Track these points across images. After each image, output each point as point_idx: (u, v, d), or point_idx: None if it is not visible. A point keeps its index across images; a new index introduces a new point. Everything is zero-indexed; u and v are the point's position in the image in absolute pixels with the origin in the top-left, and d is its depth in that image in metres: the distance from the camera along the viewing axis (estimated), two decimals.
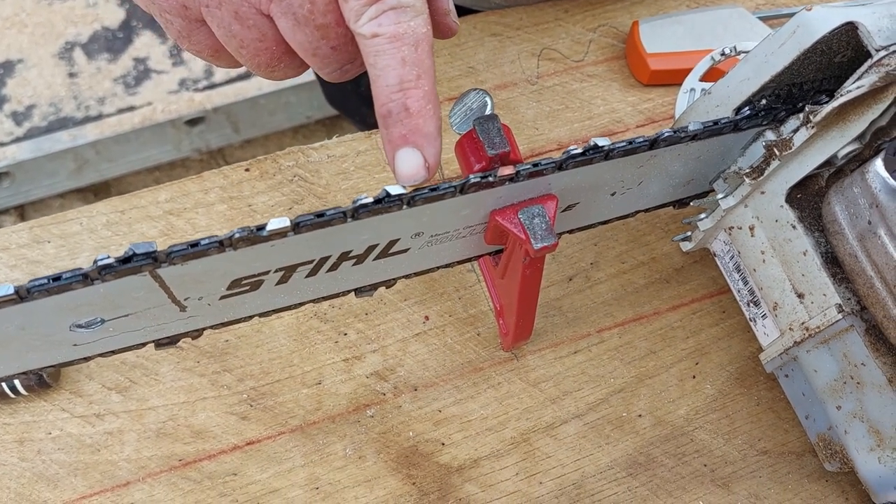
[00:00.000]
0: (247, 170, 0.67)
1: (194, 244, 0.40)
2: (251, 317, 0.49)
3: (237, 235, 0.40)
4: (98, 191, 1.85)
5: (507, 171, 0.44)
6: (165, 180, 1.90)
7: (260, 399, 0.59)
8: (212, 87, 1.73)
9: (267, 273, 0.45)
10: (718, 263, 0.59)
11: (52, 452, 0.56)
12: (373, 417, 0.59)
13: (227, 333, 0.60)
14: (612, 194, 0.53)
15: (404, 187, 0.43)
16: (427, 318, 0.62)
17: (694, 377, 0.61)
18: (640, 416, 0.60)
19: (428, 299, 0.63)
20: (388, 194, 0.42)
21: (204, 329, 0.48)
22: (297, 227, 0.41)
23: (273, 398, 0.59)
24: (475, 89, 0.52)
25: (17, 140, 1.68)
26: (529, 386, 0.60)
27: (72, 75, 1.75)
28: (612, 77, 0.73)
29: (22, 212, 1.83)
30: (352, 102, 1.02)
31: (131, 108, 1.72)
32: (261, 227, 0.40)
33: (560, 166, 0.46)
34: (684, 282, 0.65)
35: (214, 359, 0.60)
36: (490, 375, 0.60)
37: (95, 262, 0.38)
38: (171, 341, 0.48)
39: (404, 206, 0.43)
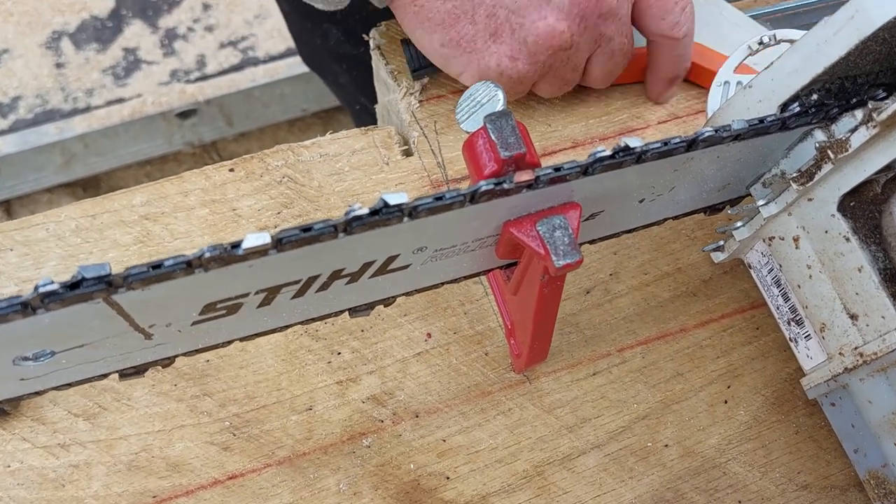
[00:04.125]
0: (231, 170, 0.61)
1: (157, 265, 0.34)
2: (230, 342, 0.43)
3: (208, 255, 0.34)
4: (87, 185, 1.79)
5: (525, 176, 0.38)
6: (157, 175, 1.84)
7: (244, 427, 0.53)
8: (204, 78, 1.67)
9: (246, 295, 0.38)
10: (754, 276, 0.53)
11: (11, 488, 0.50)
12: (369, 448, 0.53)
13: (208, 353, 0.54)
14: (641, 201, 0.46)
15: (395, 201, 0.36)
16: (429, 335, 0.56)
17: (726, 402, 0.55)
18: (666, 446, 0.54)
19: (430, 314, 0.57)
20: (387, 204, 0.36)
21: (175, 357, 0.42)
22: (279, 243, 0.35)
23: (259, 426, 0.53)
24: (484, 81, 0.46)
25: (2, 133, 1.62)
26: (544, 412, 0.54)
27: (59, 66, 1.69)
28: None
29: (8, 207, 1.77)
30: (325, 61, 0.97)
31: (120, 101, 1.66)
32: (236, 245, 0.34)
33: (585, 171, 0.40)
34: (713, 295, 0.59)
35: (193, 381, 0.54)
36: (500, 400, 0.54)
37: (37, 288, 0.32)
38: (138, 371, 0.42)
39: (405, 219, 0.37)
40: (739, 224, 0.51)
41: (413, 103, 0.63)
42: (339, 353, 0.55)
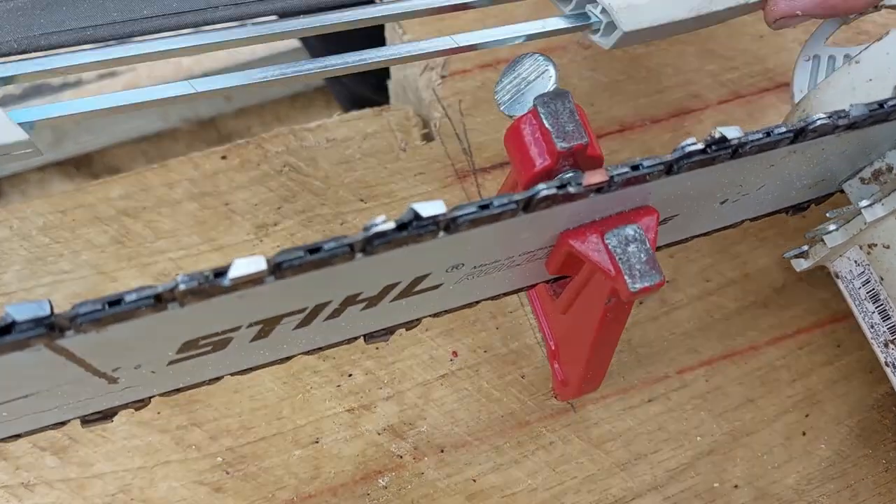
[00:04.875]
0: (223, 157, 0.53)
1: (115, 301, 0.25)
2: (218, 378, 0.35)
3: (183, 288, 0.25)
4: (80, 164, 1.71)
5: (597, 178, 0.30)
6: (154, 153, 1.75)
7: (239, 464, 0.45)
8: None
9: (236, 329, 0.30)
10: (842, 288, 0.45)
11: None
12: (387, 489, 0.45)
13: None
14: (723, 202, 0.38)
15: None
16: (455, 354, 0.48)
17: (804, 434, 0.47)
18: (736, 486, 0.46)
19: (456, 329, 0.48)
20: (418, 217, 0.28)
21: (150, 398, 0.34)
22: (278, 269, 0.27)
23: (256, 462, 0.45)
24: (531, 54, 0.38)
25: None
26: (591, 447, 0.46)
27: None
28: (686, 39, 0.58)
29: None
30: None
31: (113, 74, 1.57)
32: (221, 273, 0.26)
33: (670, 169, 0.31)
34: (787, 306, 0.50)
35: (180, 409, 0.46)
36: (539, 432, 0.46)
37: None
38: (104, 416, 0.34)
39: (441, 233, 0.29)
40: (832, 227, 0.42)
41: (434, 79, 0.55)
42: (350, 375, 0.47)
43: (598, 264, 0.32)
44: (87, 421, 0.34)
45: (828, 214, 0.41)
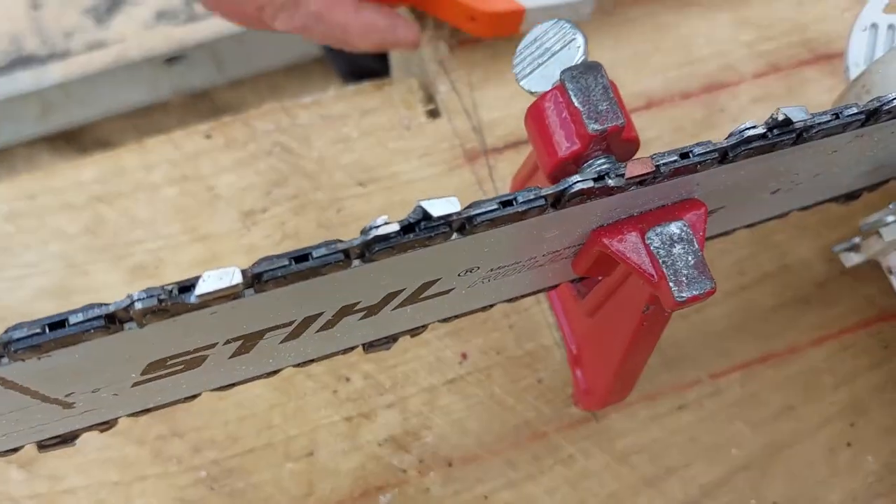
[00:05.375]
0: (208, 136, 0.48)
1: (58, 323, 0.20)
2: (194, 396, 0.30)
3: (140, 307, 0.20)
4: (70, 138, 1.66)
5: (641, 168, 0.25)
6: (145, 127, 1.70)
7: (225, 479, 0.41)
8: (193, 20, 1.52)
9: (212, 346, 0.25)
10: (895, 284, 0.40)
11: None
12: None
13: None
14: (774, 192, 0.33)
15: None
16: (464, 356, 0.43)
17: (849, 445, 0.43)
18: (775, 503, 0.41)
19: (465, 328, 0.44)
20: (427, 217, 0.23)
21: (116, 419, 0.30)
22: (258, 282, 0.22)
23: (244, 477, 0.41)
24: (555, 21, 0.32)
25: None
26: (615, 461, 0.41)
27: (35, 7, 1.55)
28: (719, 5, 0.52)
29: None
30: None
31: (102, 45, 1.52)
32: (186, 289, 0.21)
33: (724, 157, 0.26)
34: (830, 303, 0.46)
35: (159, 417, 0.41)
36: (558, 444, 0.42)
37: None
38: (64, 440, 0.29)
39: (454, 235, 0.24)
40: (891, 219, 0.37)
41: (442, 48, 0.49)
42: (348, 380, 0.42)
43: (637, 268, 0.27)
44: (44, 446, 0.29)
45: (892, 206, 0.36)
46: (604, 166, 0.27)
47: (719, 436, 0.42)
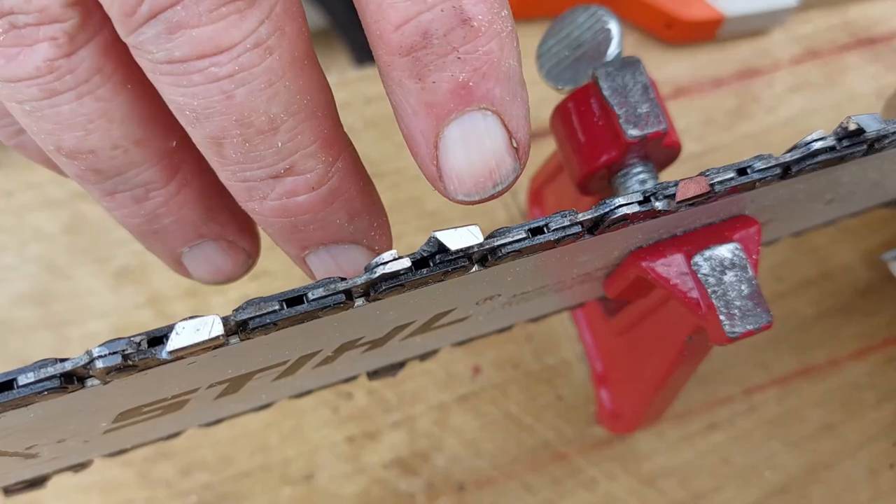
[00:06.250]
0: None
1: (6, 384, 0.17)
2: (178, 433, 0.27)
3: (101, 366, 0.17)
4: None
5: (696, 189, 0.21)
6: None
7: (217, 503, 0.37)
8: None
9: (193, 391, 0.22)
10: None
11: None
12: None
13: None
14: (829, 201, 0.29)
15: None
16: (477, 370, 0.40)
17: (892, 466, 0.40)
18: None
19: (479, 341, 0.40)
20: (444, 249, 0.19)
21: (88, 462, 0.26)
22: (243, 330, 0.18)
23: (238, 502, 0.37)
24: (586, 6, 0.29)
25: None
26: (641, 484, 0.38)
27: None
28: None
29: None
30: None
31: None
32: (156, 341, 0.17)
33: (786, 171, 0.22)
34: (873, 312, 0.42)
35: None
36: (579, 466, 0.38)
37: None
38: (32, 484, 0.26)
39: (474, 268, 0.20)
40: None
41: None
42: (351, 396, 0.39)
43: (682, 297, 0.24)
44: (10, 491, 0.26)
45: None
46: (647, 184, 0.23)
47: (753, 457, 0.39)
